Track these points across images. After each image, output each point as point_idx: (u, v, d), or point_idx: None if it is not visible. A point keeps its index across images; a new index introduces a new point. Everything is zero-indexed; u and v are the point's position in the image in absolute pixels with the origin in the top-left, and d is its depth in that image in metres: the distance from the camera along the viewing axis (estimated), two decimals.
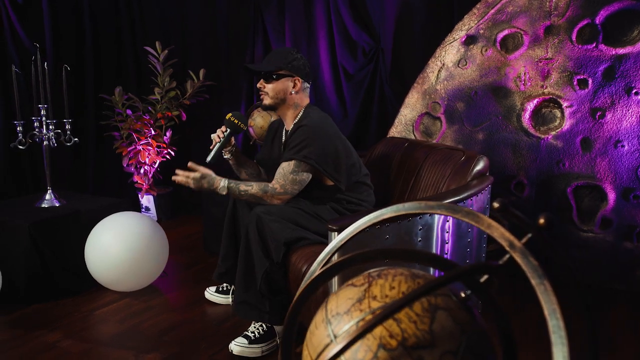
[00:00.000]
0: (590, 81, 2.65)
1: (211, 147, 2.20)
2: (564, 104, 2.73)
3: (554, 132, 2.77)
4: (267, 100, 2.24)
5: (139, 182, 3.99)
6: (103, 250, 2.53)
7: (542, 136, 2.80)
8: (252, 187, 2.10)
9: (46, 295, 2.57)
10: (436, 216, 1.80)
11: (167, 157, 4.00)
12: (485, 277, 0.56)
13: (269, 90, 2.22)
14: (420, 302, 0.53)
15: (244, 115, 3.22)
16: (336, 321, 0.54)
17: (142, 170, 3.97)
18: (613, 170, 2.62)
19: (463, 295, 0.56)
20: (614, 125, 2.61)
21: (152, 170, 4.00)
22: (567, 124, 2.73)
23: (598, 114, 2.64)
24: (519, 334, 2.23)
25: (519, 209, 2.89)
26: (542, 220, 0.54)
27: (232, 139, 2.28)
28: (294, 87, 2.21)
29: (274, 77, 2.19)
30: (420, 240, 1.76)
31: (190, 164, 2.16)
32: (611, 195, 2.63)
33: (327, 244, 1.70)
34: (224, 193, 2.12)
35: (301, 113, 2.25)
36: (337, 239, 0.65)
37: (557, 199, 2.78)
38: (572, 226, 2.75)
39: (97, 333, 2.28)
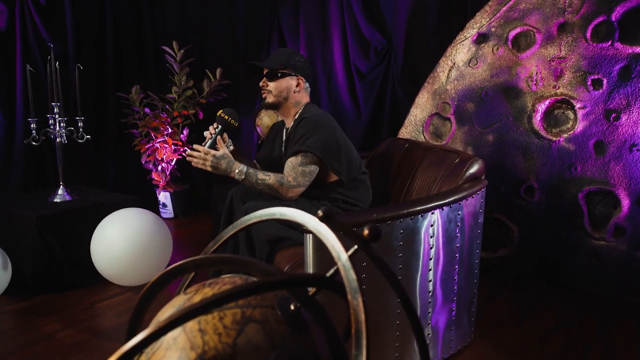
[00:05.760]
0: (605, 81, 2.52)
1: (203, 144, 2.21)
2: (577, 105, 2.60)
3: (566, 135, 2.65)
4: (270, 98, 2.25)
5: (156, 179, 4.08)
6: (107, 244, 2.59)
7: (554, 139, 2.68)
8: (270, 178, 2.07)
9: (52, 286, 2.66)
10: (420, 219, 1.75)
11: (184, 154, 4.07)
12: (314, 289, 0.53)
13: (272, 88, 2.23)
14: (232, 314, 0.50)
15: (253, 113, 3.22)
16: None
17: (159, 168, 4.06)
18: (627, 176, 2.48)
19: (293, 308, 0.53)
20: (629, 128, 2.47)
21: (170, 167, 4.08)
22: (580, 126, 2.60)
23: (612, 115, 2.51)
24: (517, 343, 2.15)
25: (529, 213, 2.78)
26: (366, 232, 0.50)
27: (227, 136, 2.29)
28: (297, 85, 2.23)
29: (279, 75, 2.20)
30: (400, 244, 1.72)
31: (218, 138, 2.11)
32: (625, 202, 2.49)
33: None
34: (241, 178, 2.08)
35: (301, 110, 2.27)
36: (210, 245, 0.64)
37: (568, 204, 2.65)
38: (583, 233, 2.62)
39: (94, 326, 2.33)
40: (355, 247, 0.51)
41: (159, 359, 0.49)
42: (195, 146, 2.11)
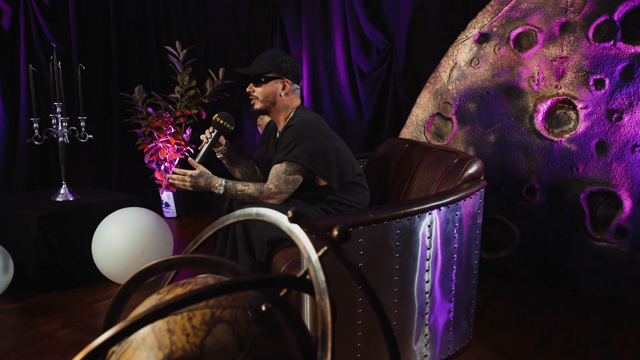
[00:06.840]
0: (607, 81, 2.50)
1: (199, 148, 2.22)
2: (579, 106, 2.58)
3: (567, 135, 2.63)
4: (257, 105, 2.23)
5: (159, 178, 4.09)
6: (108, 243, 2.60)
7: (556, 139, 2.67)
8: (249, 187, 2.09)
9: (53, 285, 2.67)
10: (417, 220, 1.75)
11: (187, 154, 4.08)
12: (285, 290, 0.52)
13: (258, 94, 2.20)
14: (202, 314, 0.50)
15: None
16: None
17: (162, 167, 4.07)
18: (630, 176, 2.46)
19: (264, 308, 0.53)
20: (631, 128, 2.45)
21: (172, 167, 4.09)
22: (581, 127, 2.59)
23: (615, 116, 2.49)
24: (516, 345, 2.14)
25: (530, 214, 2.77)
26: (335, 232, 0.50)
27: (223, 139, 2.29)
28: (283, 89, 2.19)
29: (262, 80, 2.18)
30: (397, 245, 1.71)
31: (190, 159, 2.16)
32: (627, 203, 2.47)
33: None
34: (221, 192, 2.11)
35: (292, 114, 2.23)
36: (189, 245, 0.64)
37: (569, 205, 2.64)
38: (584, 234, 2.60)
39: (94, 324, 2.34)
40: (325, 248, 0.51)
41: (128, 358, 0.49)
42: (174, 169, 2.16)
